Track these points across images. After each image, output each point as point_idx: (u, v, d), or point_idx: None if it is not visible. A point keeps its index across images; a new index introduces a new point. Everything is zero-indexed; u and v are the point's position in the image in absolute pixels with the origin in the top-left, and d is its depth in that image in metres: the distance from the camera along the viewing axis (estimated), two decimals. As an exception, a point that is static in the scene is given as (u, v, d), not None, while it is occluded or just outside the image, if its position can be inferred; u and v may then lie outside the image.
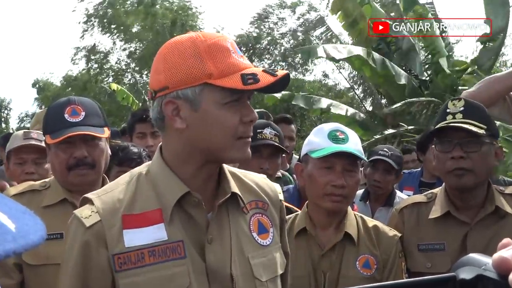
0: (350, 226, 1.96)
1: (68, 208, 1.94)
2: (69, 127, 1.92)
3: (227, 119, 1.23)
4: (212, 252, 1.28)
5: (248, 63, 1.26)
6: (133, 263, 1.22)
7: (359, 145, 1.97)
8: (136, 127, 3.23)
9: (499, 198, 1.98)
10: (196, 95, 1.22)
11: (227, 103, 1.22)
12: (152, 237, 1.24)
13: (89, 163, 1.95)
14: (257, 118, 1.28)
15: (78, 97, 2.05)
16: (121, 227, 1.24)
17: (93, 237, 1.23)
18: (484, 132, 1.90)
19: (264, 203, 1.41)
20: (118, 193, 1.29)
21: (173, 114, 1.24)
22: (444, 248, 1.98)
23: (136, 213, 1.26)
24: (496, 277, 0.54)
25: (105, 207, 1.26)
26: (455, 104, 1.99)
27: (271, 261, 1.37)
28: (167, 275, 1.23)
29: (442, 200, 2.02)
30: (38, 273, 1.88)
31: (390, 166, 3.41)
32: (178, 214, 1.27)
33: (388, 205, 3.47)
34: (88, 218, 1.25)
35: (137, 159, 2.36)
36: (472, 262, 0.57)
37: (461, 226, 1.97)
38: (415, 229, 2.05)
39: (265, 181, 1.46)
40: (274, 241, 1.40)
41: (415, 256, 2.02)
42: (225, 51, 1.22)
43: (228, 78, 1.20)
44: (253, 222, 1.37)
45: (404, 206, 2.13)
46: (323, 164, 1.92)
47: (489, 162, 1.95)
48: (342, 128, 1.98)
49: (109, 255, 1.22)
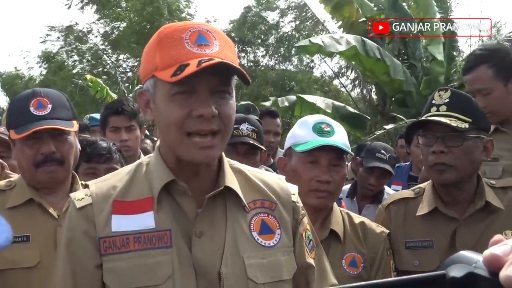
0: (335, 223, 1.90)
1: (35, 209, 1.87)
2: (35, 121, 1.83)
3: (172, 113, 1.19)
4: (200, 246, 1.25)
5: (207, 52, 1.18)
6: (118, 248, 1.23)
7: (346, 138, 1.91)
8: (110, 120, 3.10)
9: (489, 192, 1.92)
10: (152, 87, 1.23)
11: (174, 95, 1.19)
12: (140, 224, 1.25)
13: (58, 159, 1.86)
14: (209, 113, 1.17)
15: (44, 89, 1.96)
16: (111, 212, 1.26)
17: (82, 219, 1.26)
18: (467, 126, 1.84)
19: (272, 202, 1.35)
20: (115, 181, 1.31)
21: (146, 106, 1.27)
22: (432, 245, 1.93)
23: (129, 200, 1.27)
24: (487, 274, 0.53)
25: (99, 192, 1.29)
26: (441, 95, 1.94)
27: (272, 263, 1.30)
28: (150, 263, 1.22)
29: (429, 196, 1.97)
30: (4, 278, 1.79)
31: (387, 171, 3.34)
32: (169, 203, 1.27)
33: (376, 202, 3.39)
34: (80, 200, 1.28)
35: (106, 154, 2.27)
36: (463, 260, 0.56)
37: (449, 222, 1.92)
38: (402, 225, 2.00)
39: (278, 181, 1.41)
40: (281, 244, 1.33)
41: (403, 254, 1.97)
42: (176, 41, 1.19)
43: (166, 70, 1.18)
44: (255, 221, 1.32)
45: (391, 202, 2.07)
46: (307, 158, 1.85)
47: (474, 157, 1.89)
48: (327, 120, 1.92)
49: (97, 238, 1.24)
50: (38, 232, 1.84)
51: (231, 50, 1.23)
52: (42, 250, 1.82)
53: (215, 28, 1.26)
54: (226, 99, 1.22)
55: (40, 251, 1.82)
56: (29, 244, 1.82)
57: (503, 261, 0.52)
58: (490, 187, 1.95)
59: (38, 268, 1.81)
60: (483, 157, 1.93)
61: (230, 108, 1.23)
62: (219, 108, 1.19)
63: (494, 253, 0.53)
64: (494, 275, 0.52)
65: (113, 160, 2.28)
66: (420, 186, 2.08)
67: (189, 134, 1.19)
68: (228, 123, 1.22)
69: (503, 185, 1.97)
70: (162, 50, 1.20)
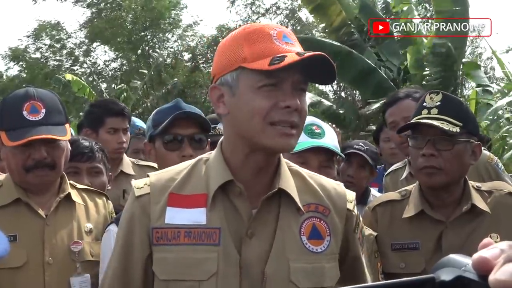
0: None
1: (22, 209, 1.84)
2: (28, 126, 1.79)
3: (258, 103, 1.23)
4: (249, 247, 1.27)
5: (294, 49, 1.23)
6: (169, 240, 1.28)
7: (336, 141, 1.92)
8: (107, 121, 3.00)
9: (475, 195, 1.94)
10: (234, 80, 1.25)
11: (262, 87, 1.23)
12: (192, 219, 1.28)
13: (49, 164, 1.83)
14: (298, 107, 1.23)
15: (37, 90, 1.90)
16: (166, 203, 1.30)
17: (139, 207, 1.31)
18: (458, 130, 1.85)
19: (326, 208, 1.36)
20: (174, 174, 1.35)
21: (218, 101, 1.30)
22: (418, 247, 1.93)
23: (185, 194, 1.31)
24: (476, 278, 0.52)
25: (157, 183, 1.33)
26: (432, 98, 1.93)
27: (317, 269, 1.31)
28: (196, 258, 1.26)
29: (416, 198, 1.97)
30: None
31: (365, 160, 3.35)
32: (223, 202, 1.29)
33: (362, 203, 3.38)
34: (139, 189, 1.33)
35: (88, 153, 2.24)
36: (452, 263, 0.56)
37: (436, 224, 1.93)
38: (389, 228, 2.00)
39: (336, 186, 1.42)
40: (329, 251, 1.34)
41: (389, 256, 1.97)
42: (265, 36, 1.24)
43: (260, 61, 1.21)
44: (306, 225, 1.33)
45: (377, 204, 2.08)
46: (298, 160, 1.86)
47: (463, 161, 1.90)
48: (318, 122, 1.93)
49: (150, 228, 1.29)
50: (25, 232, 1.81)
51: None
52: (29, 250, 1.80)
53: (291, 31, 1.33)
54: (304, 96, 1.28)
55: (27, 251, 1.80)
56: (16, 244, 1.78)
57: (492, 265, 0.51)
58: (476, 190, 1.96)
59: (25, 268, 1.78)
60: (472, 161, 1.94)
61: (306, 105, 1.29)
62: (300, 103, 1.24)
63: (483, 256, 0.52)
64: (483, 279, 0.51)
65: (95, 159, 2.26)
66: (406, 188, 2.08)
67: (272, 124, 1.23)
68: (304, 119, 1.28)
69: (489, 188, 1.98)
70: (252, 44, 1.24)
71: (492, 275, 0.50)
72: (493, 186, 2.00)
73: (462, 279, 0.53)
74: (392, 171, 2.92)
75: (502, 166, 2.73)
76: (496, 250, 0.53)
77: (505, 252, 0.52)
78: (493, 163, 2.64)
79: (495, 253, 0.52)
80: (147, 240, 1.30)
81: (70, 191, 1.94)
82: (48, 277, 1.78)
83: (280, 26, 1.31)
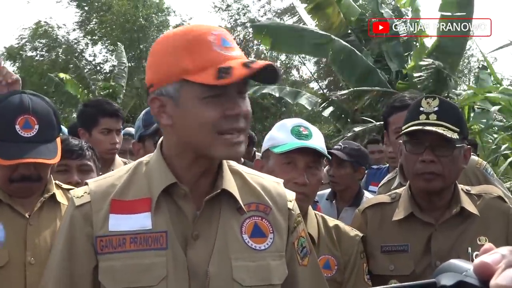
0: (310, 226, 1.90)
1: (4, 209, 1.82)
2: (20, 142, 1.76)
3: (206, 114, 1.21)
4: (194, 249, 1.27)
5: (234, 55, 1.22)
6: (114, 247, 1.25)
7: (323, 142, 1.91)
8: (101, 121, 2.98)
9: (465, 198, 1.93)
10: (176, 92, 1.22)
11: (207, 98, 1.21)
12: (137, 224, 1.26)
13: (35, 178, 1.82)
14: (245, 112, 1.23)
15: (33, 101, 1.84)
16: (108, 211, 1.27)
17: (80, 217, 1.28)
18: (457, 135, 1.84)
19: (266, 206, 1.36)
20: (115, 179, 1.32)
21: (159, 111, 1.26)
22: (407, 249, 1.93)
23: (127, 199, 1.28)
24: (477, 283, 0.53)
25: (97, 191, 1.30)
26: (429, 102, 1.91)
27: (262, 267, 1.30)
28: (145, 263, 1.24)
29: (405, 201, 1.97)
30: None
31: (341, 159, 3.36)
32: (167, 205, 1.28)
33: (355, 205, 3.40)
34: (79, 198, 1.30)
35: (78, 150, 2.23)
36: (453, 268, 0.56)
37: (425, 227, 1.92)
38: (378, 230, 1.99)
39: (276, 185, 1.42)
40: (274, 248, 1.33)
41: (378, 258, 1.97)
42: (205, 44, 1.21)
43: (204, 73, 1.19)
44: (248, 224, 1.33)
45: (367, 206, 2.07)
46: (285, 160, 1.86)
47: (458, 166, 1.90)
48: (305, 124, 1.93)
49: (94, 237, 1.26)
50: (7, 232, 1.79)
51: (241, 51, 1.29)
52: (11, 250, 1.78)
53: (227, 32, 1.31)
54: (246, 98, 1.27)
55: (9, 251, 1.78)
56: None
57: (494, 270, 0.51)
58: (466, 194, 1.95)
59: (6, 268, 1.76)
60: (463, 165, 1.94)
61: (249, 107, 1.28)
62: (244, 108, 1.24)
63: (485, 261, 0.52)
64: (484, 284, 0.51)
65: (85, 157, 2.25)
66: (396, 191, 2.08)
67: (220, 133, 1.22)
68: (249, 121, 1.27)
69: (478, 191, 1.97)
70: (192, 53, 1.21)
71: (493, 281, 0.50)
72: (482, 189, 2.00)
73: (463, 284, 0.54)
74: (385, 183, 2.90)
75: (491, 171, 2.71)
76: (497, 256, 0.53)
77: (506, 257, 0.52)
78: (482, 168, 2.63)
79: (496, 259, 0.52)
80: (92, 251, 1.26)
81: (55, 192, 1.92)
82: (29, 277, 1.76)
83: (218, 28, 1.28)
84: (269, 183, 1.41)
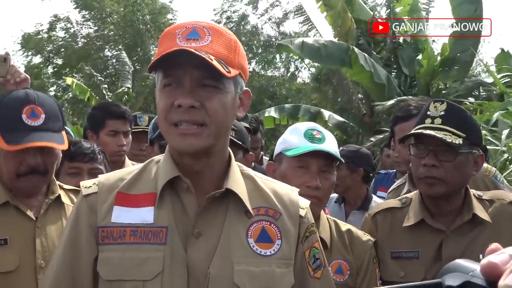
0: (322, 230, 1.89)
1: (11, 212, 1.81)
2: (27, 131, 1.76)
3: (160, 104, 1.25)
4: (195, 247, 1.25)
5: (194, 46, 1.20)
6: (114, 239, 1.25)
7: (336, 146, 1.91)
8: (108, 123, 3.00)
9: (477, 204, 1.92)
10: (156, 83, 1.28)
11: (164, 87, 1.24)
12: (139, 217, 1.26)
13: (42, 171, 1.81)
14: (186, 104, 1.19)
15: (38, 94, 1.85)
16: (113, 202, 1.28)
17: (86, 207, 1.30)
18: (461, 141, 1.83)
19: (276, 211, 1.33)
20: (124, 174, 1.34)
21: None
22: (418, 256, 1.92)
23: (133, 193, 1.29)
24: (484, 283, 0.52)
25: (105, 183, 1.32)
26: (436, 107, 1.91)
27: (266, 273, 1.27)
28: (141, 257, 1.23)
29: (416, 207, 1.95)
30: None
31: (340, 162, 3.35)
32: (171, 198, 1.28)
33: (363, 209, 3.41)
34: (87, 188, 1.32)
35: (90, 154, 2.24)
36: (459, 268, 0.55)
37: (436, 234, 1.91)
38: (389, 235, 1.98)
39: (289, 192, 1.38)
40: (280, 255, 1.30)
41: (388, 264, 1.96)
42: (170, 37, 1.24)
43: None
44: (255, 228, 1.30)
45: (377, 211, 2.06)
46: (297, 164, 1.86)
47: (465, 172, 1.88)
48: (318, 128, 1.93)
49: (97, 227, 1.27)
50: (16, 235, 1.78)
51: (225, 46, 1.24)
52: (21, 254, 1.76)
53: (216, 26, 1.28)
54: (213, 92, 1.22)
55: (19, 255, 1.76)
56: (8, 247, 1.75)
57: (502, 270, 0.50)
58: (478, 199, 1.94)
59: (17, 272, 1.74)
60: (473, 171, 1.92)
61: (217, 102, 1.22)
62: (203, 101, 1.21)
63: (492, 261, 0.51)
64: (491, 285, 0.50)
65: (96, 160, 2.26)
66: (407, 196, 2.07)
67: (174, 125, 1.22)
68: (214, 116, 1.22)
69: (490, 197, 1.96)
70: (160, 44, 1.26)
71: (502, 281, 0.49)
72: (494, 195, 1.99)
73: (470, 285, 0.53)
74: (394, 188, 2.89)
75: (501, 177, 2.68)
76: (505, 256, 0.52)
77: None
78: (491, 175, 2.61)
79: (504, 259, 0.51)
80: (93, 241, 1.27)
81: (60, 192, 1.92)
82: (40, 280, 1.74)
83: (204, 22, 1.26)
84: (282, 189, 1.38)
